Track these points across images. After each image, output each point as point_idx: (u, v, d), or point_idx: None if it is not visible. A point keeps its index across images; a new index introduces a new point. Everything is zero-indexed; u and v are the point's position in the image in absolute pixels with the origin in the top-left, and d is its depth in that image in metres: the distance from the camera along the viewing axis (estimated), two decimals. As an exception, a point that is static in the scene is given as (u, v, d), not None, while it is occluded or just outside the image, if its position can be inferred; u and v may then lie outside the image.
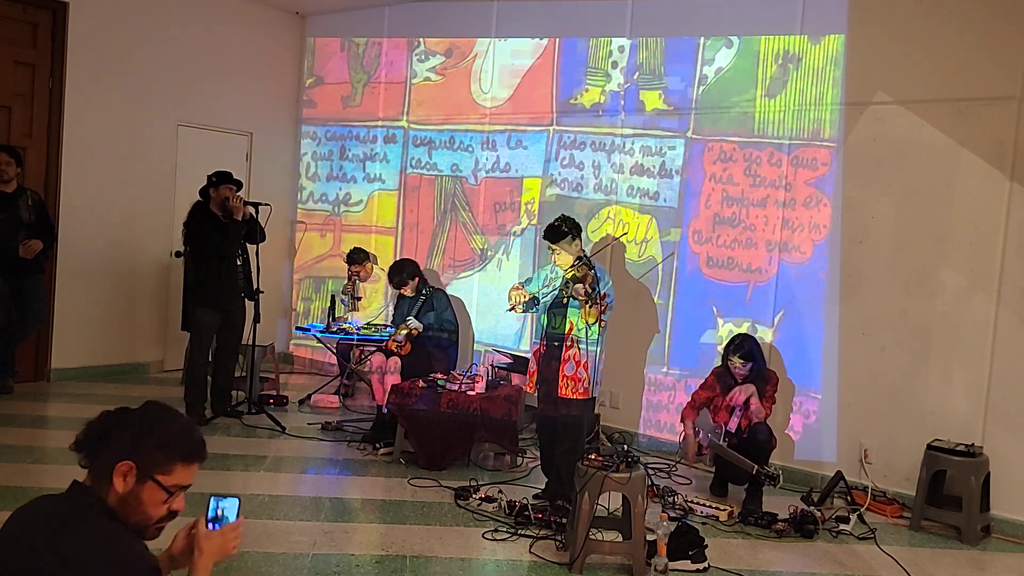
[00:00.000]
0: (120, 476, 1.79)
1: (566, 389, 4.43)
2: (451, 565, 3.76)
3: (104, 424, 1.84)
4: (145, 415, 1.88)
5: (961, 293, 4.74)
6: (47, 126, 6.55)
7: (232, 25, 7.62)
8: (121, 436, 1.82)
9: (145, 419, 1.87)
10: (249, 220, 5.82)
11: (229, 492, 2.01)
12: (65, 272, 6.63)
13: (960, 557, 4.27)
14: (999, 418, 4.62)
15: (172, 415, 1.91)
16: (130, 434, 1.83)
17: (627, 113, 6.05)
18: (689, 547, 3.84)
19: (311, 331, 6.80)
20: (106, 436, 1.83)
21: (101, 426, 1.84)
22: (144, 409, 1.89)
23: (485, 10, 6.84)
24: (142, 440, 1.82)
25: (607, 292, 4.38)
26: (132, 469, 1.80)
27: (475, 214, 6.90)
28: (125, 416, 1.87)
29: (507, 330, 6.61)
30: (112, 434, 1.83)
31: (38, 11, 6.46)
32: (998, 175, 4.63)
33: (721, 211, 5.62)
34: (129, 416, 1.87)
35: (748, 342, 4.84)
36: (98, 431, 1.83)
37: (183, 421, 1.93)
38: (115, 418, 1.86)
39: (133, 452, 1.81)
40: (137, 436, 1.83)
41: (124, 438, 1.82)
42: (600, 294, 4.26)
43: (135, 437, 1.82)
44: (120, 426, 1.84)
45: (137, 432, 1.83)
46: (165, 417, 1.89)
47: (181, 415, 1.96)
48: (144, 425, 1.85)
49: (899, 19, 4.95)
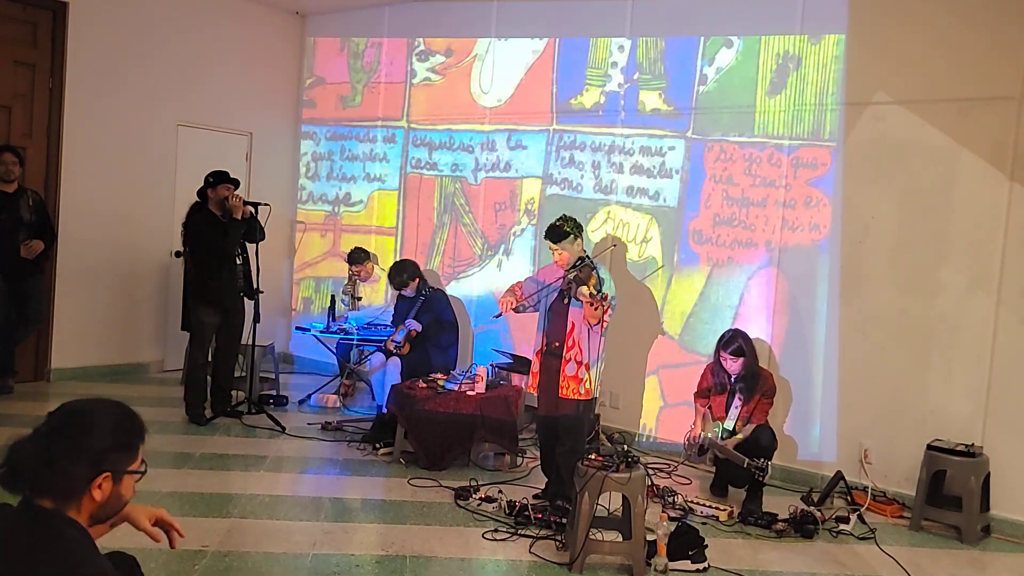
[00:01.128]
0: (97, 488, 1.74)
1: (567, 390, 4.43)
2: (451, 565, 3.76)
3: (40, 456, 1.70)
4: (84, 427, 1.75)
5: (961, 293, 4.74)
6: (47, 126, 6.55)
7: (232, 25, 7.62)
8: (75, 457, 1.71)
9: (90, 430, 1.76)
10: (249, 219, 5.82)
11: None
12: (65, 272, 6.63)
13: (960, 557, 4.27)
14: (999, 418, 4.62)
15: (101, 411, 1.81)
16: (88, 451, 1.73)
17: (627, 113, 6.05)
18: (689, 547, 3.84)
19: (311, 331, 6.80)
20: (48, 465, 1.69)
21: (34, 457, 1.69)
22: (77, 422, 1.76)
23: (485, 10, 6.84)
24: (104, 452, 1.75)
25: (608, 293, 4.36)
26: (108, 478, 1.76)
27: (475, 214, 6.90)
28: (61, 439, 1.72)
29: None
30: (57, 463, 1.70)
31: (38, 11, 6.46)
32: (998, 175, 4.63)
33: (721, 211, 5.62)
34: (66, 437, 1.72)
35: (739, 337, 4.84)
36: (37, 464, 1.69)
37: (114, 410, 1.83)
38: (47, 444, 1.71)
39: (102, 463, 1.74)
40: (95, 450, 1.74)
41: (79, 457, 1.72)
42: (603, 295, 4.26)
43: (97, 451, 1.74)
44: (65, 450, 1.71)
45: (96, 443, 1.75)
46: (103, 417, 1.79)
47: (101, 403, 1.84)
48: (96, 436, 1.76)
49: (899, 19, 4.95)
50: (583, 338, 4.39)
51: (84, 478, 1.71)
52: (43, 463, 1.68)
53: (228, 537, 3.84)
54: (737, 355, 4.77)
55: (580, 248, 4.50)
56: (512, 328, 6.52)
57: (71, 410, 1.77)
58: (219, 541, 3.78)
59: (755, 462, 4.49)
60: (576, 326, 4.40)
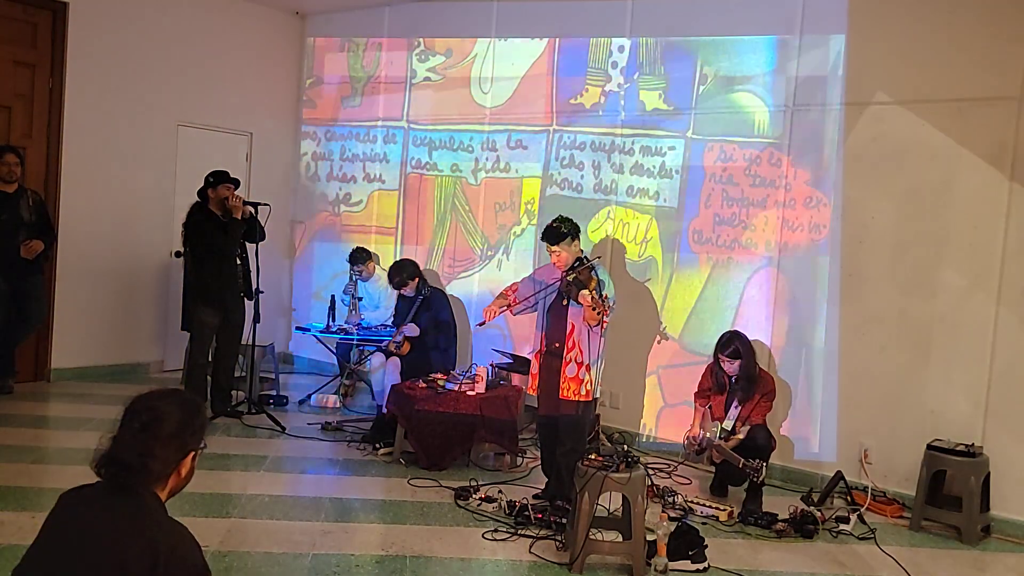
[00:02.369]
0: (185, 467, 2.03)
1: (567, 391, 4.43)
2: (451, 565, 3.76)
3: (138, 449, 1.94)
4: (170, 417, 1.99)
5: (961, 293, 4.74)
6: (47, 126, 6.55)
7: (232, 25, 7.62)
8: (169, 445, 1.97)
9: (176, 419, 2.00)
10: (249, 219, 5.82)
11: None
12: (65, 272, 6.63)
13: (960, 557, 4.27)
14: (999, 418, 4.62)
15: (176, 400, 2.06)
16: (176, 437, 1.99)
17: (627, 113, 6.05)
18: (689, 547, 3.84)
19: (311, 331, 6.80)
20: (151, 455, 1.94)
21: (136, 450, 1.94)
22: (164, 414, 2.00)
23: (485, 10, 6.84)
24: (189, 435, 2.02)
25: (607, 294, 4.36)
26: (193, 456, 2.05)
27: (475, 214, 6.90)
28: (152, 429, 1.96)
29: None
30: (153, 451, 1.95)
31: (38, 11, 6.46)
32: (998, 175, 4.63)
33: (721, 211, 5.62)
34: (159, 428, 1.97)
35: (736, 340, 4.85)
36: (137, 456, 1.93)
37: (185, 397, 2.11)
38: (143, 437, 1.95)
39: (187, 445, 2.02)
40: (183, 434, 2.01)
41: (170, 444, 1.97)
42: (603, 296, 4.25)
43: (182, 436, 2.00)
44: (157, 442, 1.95)
45: (180, 430, 2.00)
46: (180, 406, 2.04)
47: (172, 392, 2.10)
48: (182, 424, 2.01)
49: (899, 19, 4.95)
50: (583, 339, 4.39)
51: (175, 461, 1.99)
52: (146, 454, 1.93)
53: (228, 537, 3.85)
54: (734, 358, 4.78)
55: (578, 249, 4.50)
56: (512, 328, 6.52)
57: (153, 404, 2.01)
58: (219, 541, 3.78)
59: (750, 463, 4.49)
60: (576, 327, 4.40)
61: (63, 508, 1.97)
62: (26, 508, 3.97)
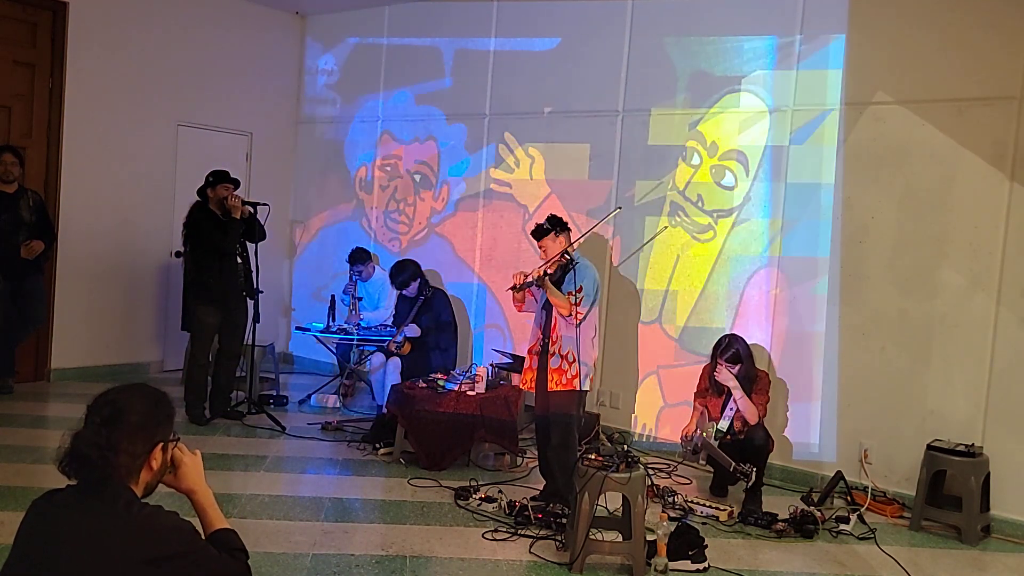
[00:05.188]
0: (154, 460, 1.97)
1: (552, 383, 4.51)
2: (451, 565, 3.76)
3: (100, 443, 1.88)
4: (132, 409, 1.94)
5: (961, 293, 4.74)
6: (47, 126, 6.55)
7: (232, 25, 7.62)
8: (132, 437, 1.92)
9: (138, 411, 1.95)
10: (248, 219, 5.82)
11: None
12: (65, 272, 6.63)
13: (960, 557, 4.27)
14: (999, 418, 4.62)
15: (139, 392, 2.00)
16: (142, 429, 1.94)
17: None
18: (689, 547, 3.84)
19: (311, 331, 6.80)
20: (113, 450, 1.88)
21: (98, 445, 1.88)
22: (125, 407, 1.94)
23: (485, 10, 6.83)
24: (155, 426, 1.97)
25: (583, 286, 4.43)
26: (161, 448, 1.98)
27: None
28: (114, 423, 1.90)
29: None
30: (118, 445, 1.89)
31: (38, 11, 6.46)
32: (998, 175, 4.62)
33: (721, 211, 5.61)
34: (120, 421, 1.91)
35: (735, 343, 4.86)
36: (99, 450, 1.88)
37: (148, 390, 2.03)
38: (105, 431, 1.89)
39: (154, 437, 1.96)
40: (148, 425, 1.96)
41: (136, 437, 1.92)
42: (537, 276, 4.42)
43: (147, 428, 1.95)
44: (122, 435, 1.90)
45: (145, 422, 1.95)
46: (143, 398, 1.99)
47: (135, 386, 2.02)
48: (145, 415, 1.96)
49: (898, 19, 4.95)
50: (562, 331, 4.50)
51: (143, 453, 1.94)
52: (107, 448, 1.87)
53: (228, 537, 3.84)
54: (734, 362, 4.80)
55: (564, 242, 4.63)
56: (512, 328, 6.52)
57: (113, 398, 1.95)
58: (219, 541, 3.78)
59: (741, 467, 4.50)
60: (557, 321, 4.51)
61: (35, 516, 1.93)
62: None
